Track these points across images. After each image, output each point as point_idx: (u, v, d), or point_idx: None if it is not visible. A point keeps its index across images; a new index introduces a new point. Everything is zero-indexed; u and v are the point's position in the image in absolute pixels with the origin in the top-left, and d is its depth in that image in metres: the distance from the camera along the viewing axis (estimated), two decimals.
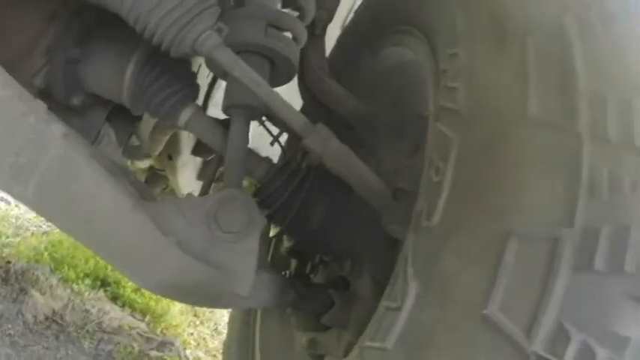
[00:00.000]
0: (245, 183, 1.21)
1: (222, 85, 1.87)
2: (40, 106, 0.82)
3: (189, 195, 0.97)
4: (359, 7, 1.52)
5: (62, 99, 1.24)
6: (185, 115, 1.20)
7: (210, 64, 1.08)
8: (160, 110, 1.20)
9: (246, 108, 1.08)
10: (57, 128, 0.81)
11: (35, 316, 2.40)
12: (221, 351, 2.58)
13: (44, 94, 1.20)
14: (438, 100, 0.78)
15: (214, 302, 1.03)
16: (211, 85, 1.82)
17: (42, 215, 0.85)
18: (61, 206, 0.82)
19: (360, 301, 1.09)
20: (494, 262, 0.58)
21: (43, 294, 2.55)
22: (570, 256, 0.55)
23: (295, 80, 1.31)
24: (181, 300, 1.00)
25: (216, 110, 1.48)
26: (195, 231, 0.93)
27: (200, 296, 0.97)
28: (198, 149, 2.07)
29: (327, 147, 0.93)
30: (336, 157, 0.94)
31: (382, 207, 0.98)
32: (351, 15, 1.65)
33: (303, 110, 1.31)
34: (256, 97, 1.03)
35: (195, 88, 1.23)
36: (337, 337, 1.14)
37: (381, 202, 0.98)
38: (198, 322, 2.92)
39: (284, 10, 1.31)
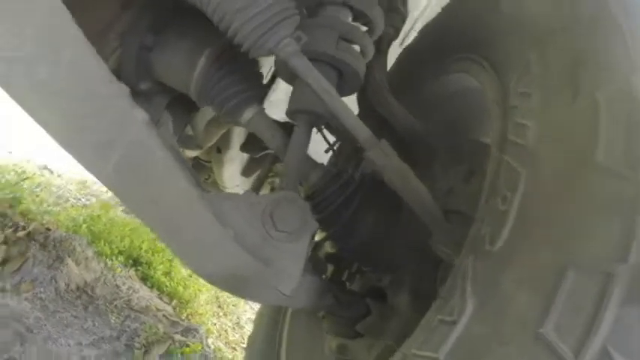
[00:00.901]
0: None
1: (278, 87, 1.92)
2: (127, 90, 0.87)
3: (248, 192, 1.01)
4: (425, 28, 1.54)
5: (131, 83, 1.29)
6: (248, 114, 1.24)
7: (282, 67, 1.12)
8: (225, 106, 1.24)
9: (312, 115, 1.11)
10: (139, 113, 0.86)
11: (67, 285, 2.47)
12: (242, 344, 2.64)
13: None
14: (505, 133, 0.82)
15: (255, 296, 1.06)
16: (268, 87, 1.86)
17: (115, 192, 0.89)
18: (134, 186, 0.86)
19: (396, 315, 1.12)
20: (551, 287, 0.64)
21: (77, 264, 2.63)
22: (621, 289, 0.60)
23: None
24: (226, 289, 1.04)
25: (268, 110, 1.52)
26: (250, 227, 0.97)
27: (244, 288, 1.01)
28: (248, 146, 2.11)
29: (389, 163, 0.97)
30: (396, 174, 0.98)
31: (433, 227, 1.01)
32: (411, 34, 1.68)
33: None
34: (323, 105, 1.07)
35: (262, 90, 1.28)
36: (368, 346, 1.17)
37: (433, 222, 1.01)
38: (221, 314, 2.98)
39: (354, 23, 1.35)
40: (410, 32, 1.81)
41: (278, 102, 1.83)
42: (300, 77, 1.03)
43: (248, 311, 3.15)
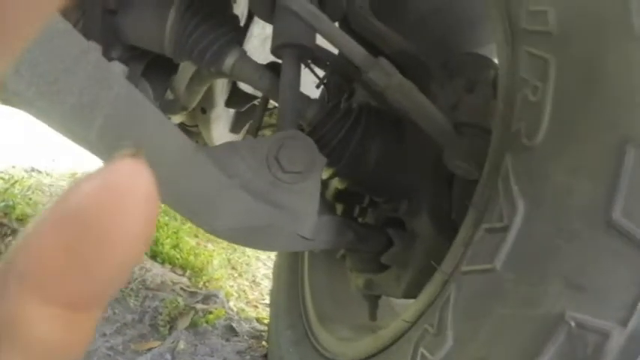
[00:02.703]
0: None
1: (252, 34, 1.84)
2: (96, 45, 0.80)
3: (248, 137, 0.95)
4: None
5: (101, 52, 1.22)
6: (230, 60, 1.17)
7: (259, 3, 1.05)
8: (204, 57, 1.18)
9: (298, 48, 1.05)
10: (117, 66, 0.79)
11: None
12: (262, 301, 2.63)
13: None
14: (516, 25, 0.75)
15: (275, 244, 1.02)
16: (244, 32, 1.78)
17: (106, 159, 0.83)
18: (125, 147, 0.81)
19: (420, 240, 1.08)
20: (613, 170, 0.59)
21: None
22: None
23: None
24: (244, 243, 1.00)
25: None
26: (256, 173, 0.91)
27: (263, 239, 0.97)
28: (232, 101, 2.05)
29: (391, 80, 0.91)
30: (400, 91, 0.92)
31: (445, 143, 0.96)
32: None
33: None
34: (308, 35, 1.00)
35: (239, 32, 1.21)
36: (396, 277, 1.14)
37: (444, 137, 0.96)
38: (236, 275, 2.96)
39: None
40: None
41: (253, 50, 1.76)
42: (282, 6, 0.96)
43: (261, 267, 3.13)
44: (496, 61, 1.21)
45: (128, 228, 0.18)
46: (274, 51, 1.13)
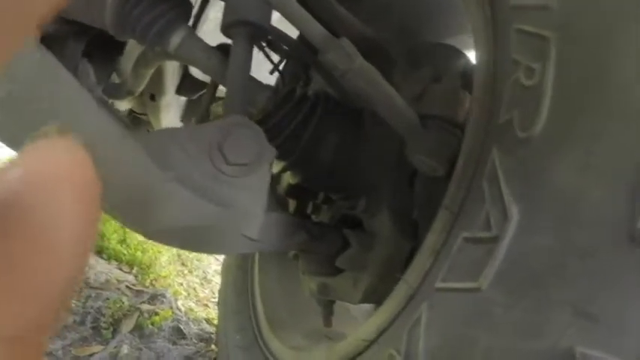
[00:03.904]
0: None
1: (207, 17, 1.73)
2: None
3: (188, 124, 0.84)
4: None
5: None
6: (176, 38, 1.05)
7: None
8: (148, 34, 1.06)
9: (251, 26, 0.94)
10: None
11: None
12: (212, 299, 2.51)
13: None
14: (506, 2, 0.65)
15: (219, 247, 0.92)
16: (198, 15, 1.66)
17: (5, 141, 0.71)
18: (29, 129, 0.68)
19: (379, 241, 0.99)
20: (634, 171, 0.47)
21: None
22: None
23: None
24: (183, 246, 0.89)
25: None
26: (196, 164, 0.80)
27: (204, 240, 0.86)
28: (183, 88, 1.92)
29: (353, 63, 0.80)
30: (361, 76, 0.82)
31: (409, 135, 0.87)
32: None
33: None
34: (262, 13, 0.90)
35: (187, 8, 1.09)
36: (353, 282, 1.04)
37: (408, 129, 0.86)
38: (186, 272, 2.83)
39: None
40: None
41: (208, 34, 1.65)
42: None
43: (213, 263, 3.01)
44: (466, 52, 1.14)
45: (66, 229, 0.14)
46: (225, 30, 1.02)
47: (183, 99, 2.04)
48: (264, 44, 1.14)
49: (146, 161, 0.75)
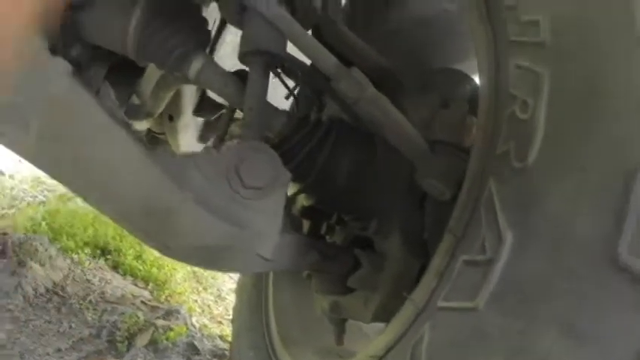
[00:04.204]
0: None
1: (224, 40, 1.78)
2: (40, 40, 0.72)
3: (207, 147, 0.88)
4: None
5: (59, 50, 1.15)
6: (196, 65, 1.10)
7: (229, 6, 0.99)
8: (168, 60, 1.10)
9: (267, 55, 0.98)
10: (61, 63, 0.72)
11: (35, 289, 2.33)
12: (226, 317, 2.54)
13: None
14: (506, 36, 0.69)
15: (233, 265, 0.95)
16: (216, 38, 1.72)
17: (43, 168, 0.75)
18: (65, 154, 0.73)
19: (389, 262, 1.02)
20: (619, 198, 0.51)
21: (42, 265, 2.48)
22: None
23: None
24: (198, 264, 0.93)
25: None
26: (214, 186, 0.84)
27: (219, 259, 0.90)
28: (201, 109, 1.97)
29: (364, 93, 0.84)
30: (372, 104, 0.85)
31: (418, 160, 0.90)
32: None
33: None
34: (278, 42, 0.94)
35: (207, 36, 1.14)
36: (364, 301, 1.07)
37: (418, 155, 0.90)
38: (201, 289, 2.87)
39: None
40: None
41: (225, 58, 1.70)
42: (251, 11, 0.89)
43: (227, 281, 3.04)
44: (474, 77, 1.17)
45: None
46: (242, 58, 1.06)
47: (200, 120, 2.09)
48: (279, 70, 1.18)
49: (166, 182, 0.79)
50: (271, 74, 1.18)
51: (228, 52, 1.77)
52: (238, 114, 1.41)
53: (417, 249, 1.01)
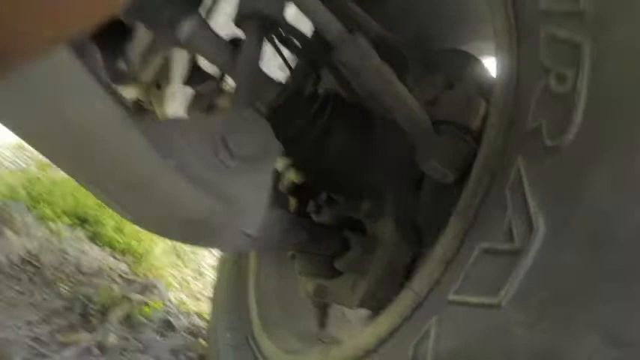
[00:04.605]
0: None
1: (218, 7, 1.70)
2: None
3: (194, 114, 0.82)
4: None
5: None
6: (187, 27, 1.03)
7: None
8: (158, 21, 1.03)
9: (264, 19, 0.92)
10: None
11: (9, 258, 2.25)
12: (204, 293, 2.48)
13: None
14: (536, 6, 0.62)
15: (215, 242, 0.89)
16: (213, 3, 1.64)
17: (16, 129, 0.69)
18: (40, 113, 0.66)
19: (381, 246, 0.97)
20: None
21: (17, 234, 2.40)
22: None
23: None
24: (179, 239, 0.87)
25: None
26: (198, 155, 0.78)
27: (200, 235, 0.84)
28: (191, 79, 1.90)
29: (368, 61, 0.78)
30: (376, 75, 0.79)
31: (420, 141, 0.84)
32: None
33: None
34: (276, 5, 0.88)
35: None
36: (352, 285, 1.02)
37: (420, 134, 0.84)
38: (180, 264, 2.80)
39: None
40: None
41: (219, 28, 1.62)
42: None
43: (208, 257, 2.98)
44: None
45: None
46: (237, 21, 1.00)
47: (189, 90, 2.02)
48: (275, 39, 1.11)
49: (146, 148, 0.73)
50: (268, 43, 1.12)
51: (221, 23, 1.69)
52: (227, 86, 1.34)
53: (411, 234, 0.96)
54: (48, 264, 2.31)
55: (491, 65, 1.06)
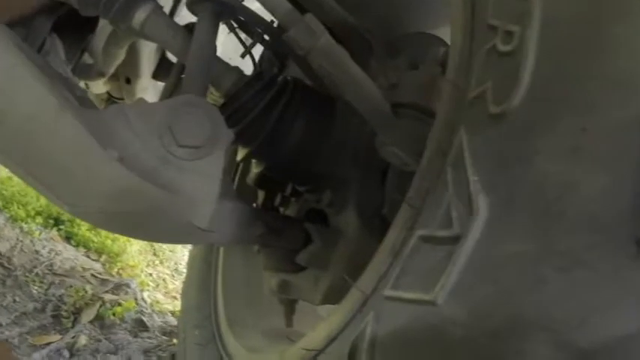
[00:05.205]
0: None
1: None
2: None
3: (140, 99, 0.78)
4: None
5: None
6: (141, 14, 0.99)
7: None
8: (112, 9, 0.99)
9: (217, 3, 0.88)
10: None
11: None
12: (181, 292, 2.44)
13: None
14: None
15: (165, 235, 0.85)
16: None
17: None
18: None
19: (343, 239, 0.93)
20: (637, 153, 0.37)
21: None
22: None
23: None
24: (125, 232, 0.82)
25: None
26: (143, 144, 0.74)
27: (149, 227, 0.79)
28: (160, 72, 1.85)
29: (318, 41, 0.73)
30: (327, 55, 0.75)
31: (379, 125, 0.80)
32: None
33: None
34: None
35: None
36: (314, 280, 0.98)
37: (379, 119, 0.80)
38: (157, 262, 2.75)
39: None
40: None
41: (182, 20, 1.58)
42: None
43: (187, 255, 2.93)
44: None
45: None
46: (190, 6, 0.96)
47: (160, 84, 1.97)
48: (235, 25, 1.07)
49: (86, 138, 0.68)
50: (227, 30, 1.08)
51: (184, 15, 1.65)
52: None
53: (375, 225, 0.92)
54: (20, 265, 2.25)
55: None
